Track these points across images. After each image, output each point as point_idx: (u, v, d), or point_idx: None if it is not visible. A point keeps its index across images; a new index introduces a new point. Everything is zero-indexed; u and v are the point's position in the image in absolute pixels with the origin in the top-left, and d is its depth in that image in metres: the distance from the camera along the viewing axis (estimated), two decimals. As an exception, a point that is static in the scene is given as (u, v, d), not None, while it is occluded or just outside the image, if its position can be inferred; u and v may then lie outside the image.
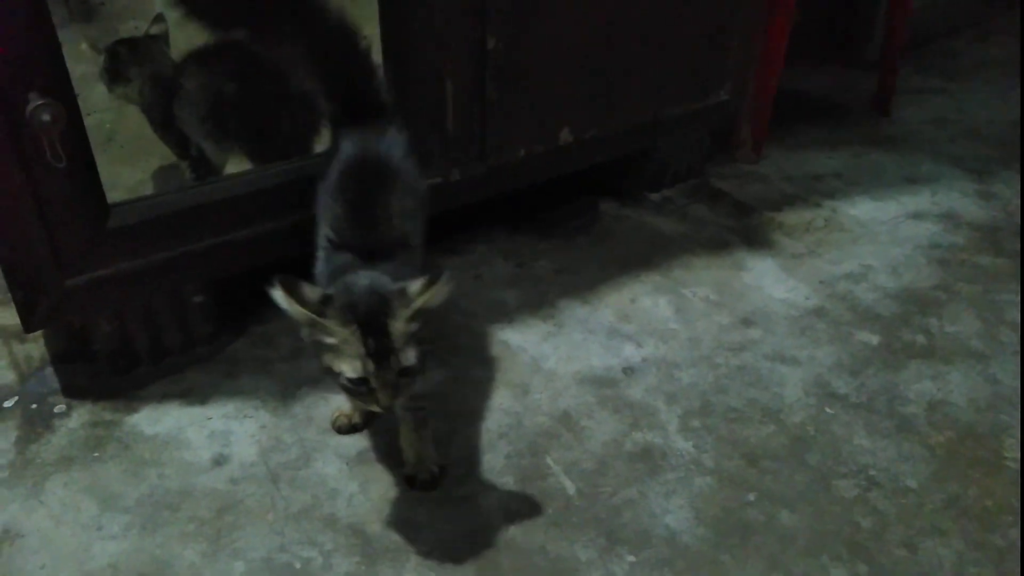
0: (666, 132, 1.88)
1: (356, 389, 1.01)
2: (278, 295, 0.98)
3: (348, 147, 1.22)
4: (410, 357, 1.00)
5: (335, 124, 1.28)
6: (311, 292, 0.99)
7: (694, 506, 1.20)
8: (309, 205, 1.24)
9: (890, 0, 2.35)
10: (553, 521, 1.17)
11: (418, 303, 0.99)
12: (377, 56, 1.34)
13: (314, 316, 0.97)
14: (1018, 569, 1.12)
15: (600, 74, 1.67)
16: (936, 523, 1.19)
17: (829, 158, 2.21)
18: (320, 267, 1.17)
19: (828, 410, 1.38)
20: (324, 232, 1.17)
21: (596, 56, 1.65)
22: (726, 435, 1.33)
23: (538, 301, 1.62)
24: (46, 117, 1.09)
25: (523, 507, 1.19)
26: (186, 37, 1.57)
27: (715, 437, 1.32)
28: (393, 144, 1.23)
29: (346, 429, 1.31)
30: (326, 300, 0.99)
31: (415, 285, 1.00)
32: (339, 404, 1.32)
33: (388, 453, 1.26)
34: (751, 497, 1.22)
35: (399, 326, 0.99)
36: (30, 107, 1.08)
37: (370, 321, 0.98)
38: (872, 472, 1.27)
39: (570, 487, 1.23)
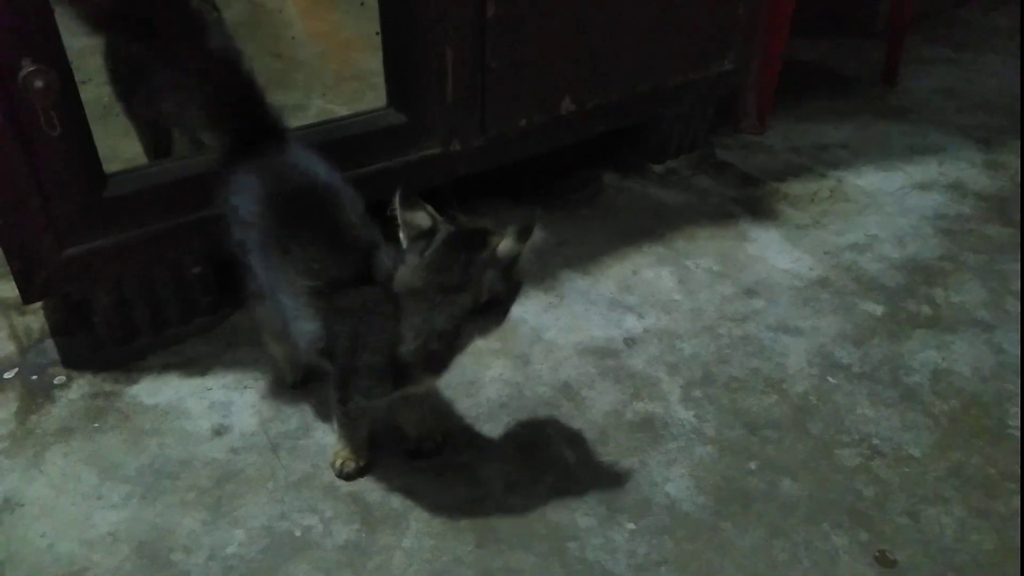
0: (670, 102, 1.86)
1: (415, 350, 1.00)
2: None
3: (266, 183, 1.10)
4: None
5: (227, 159, 1.13)
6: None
7: (695, 475, 1.20)
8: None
9: (898, -32, 2.31)
10: (553, 489, 1.17)
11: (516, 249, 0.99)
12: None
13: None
14: (1019, 536, 1.11)
15: (602, 42, 1.65)
16: (939, 491, 1.18)
17: (835, 128, 2.19)
18: (309, 326, 1.07)
19: (831, 380, 1.37)
20: (294, 290, 1.06)
21: (598, 24, 1.62)
22: (728, 405, 1.32)
23: (540, 272, 1.61)
24: (39, 84, 1.07)
25: (523, 476, 1.19)
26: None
27: (717, 407, 1.31)
28: (310, 159, 1.13)
29: (354, 473, 1.17)
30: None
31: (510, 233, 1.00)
32: (333, 447, 1.20)
33: (387, 421, 1.25)
34: (752, 466, 1.21)
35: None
36: (22, 73, 1.07)
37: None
38: (875, 441, 1.26)
39: (570, 456, 1.23)
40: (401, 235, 1.03)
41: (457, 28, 1.44)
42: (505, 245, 0.99)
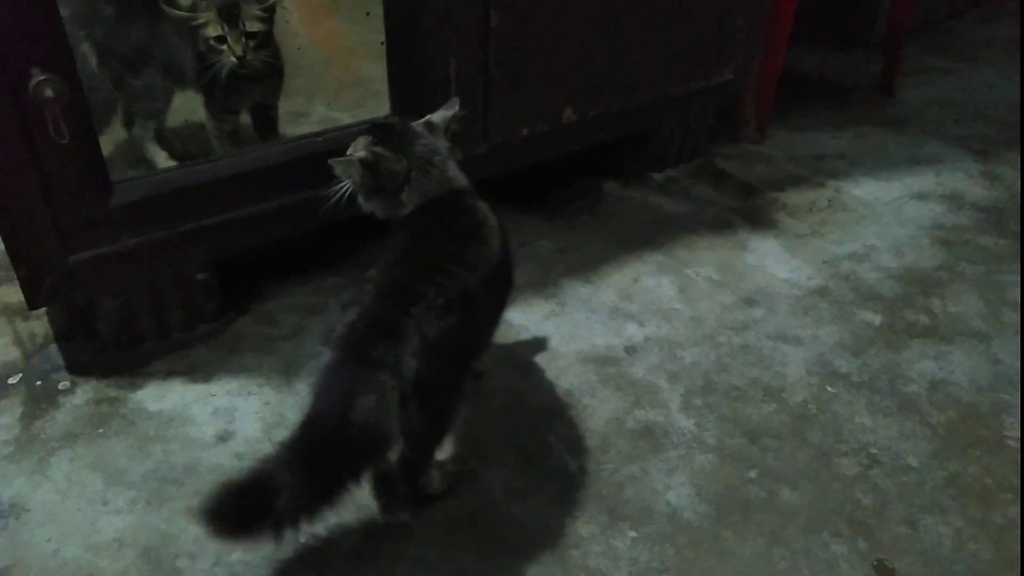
0: (670, 111, 1.87)
1: None
2: None
3: None
4: None
5: None
6: None
7: (695, 483, 1.21)
8: (312, 185, 1.23)
9: (896, -21, 2.33)
10: (555, 498, 1.18)
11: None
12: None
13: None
14: (1017, 546, 1.12)
15: (603, 53, 1.66)
16: (936, 501, 1.19)
17: (833, 138, 2.20)
18: None
19: (830, 389, 1.38)
20: None
21: (600, 34, 1.64)
22: (728, 413, 1.33)
23: (541, 280, 1.62)
24: (49, 93, 1.08)
25: (526, 484, 1.20)
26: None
27: (717, 415, 1.32)
28: None
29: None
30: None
31: None
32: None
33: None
34: (752, 474, 1.23)
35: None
36: (33, 82, 1.08)
37: None
38: (873, 450, 1.27)
39: (572, 464, 1.24)
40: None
41: (461, 38, 1.46)
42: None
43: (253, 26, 1.51)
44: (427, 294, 1.00)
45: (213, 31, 1.48)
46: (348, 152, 1.14)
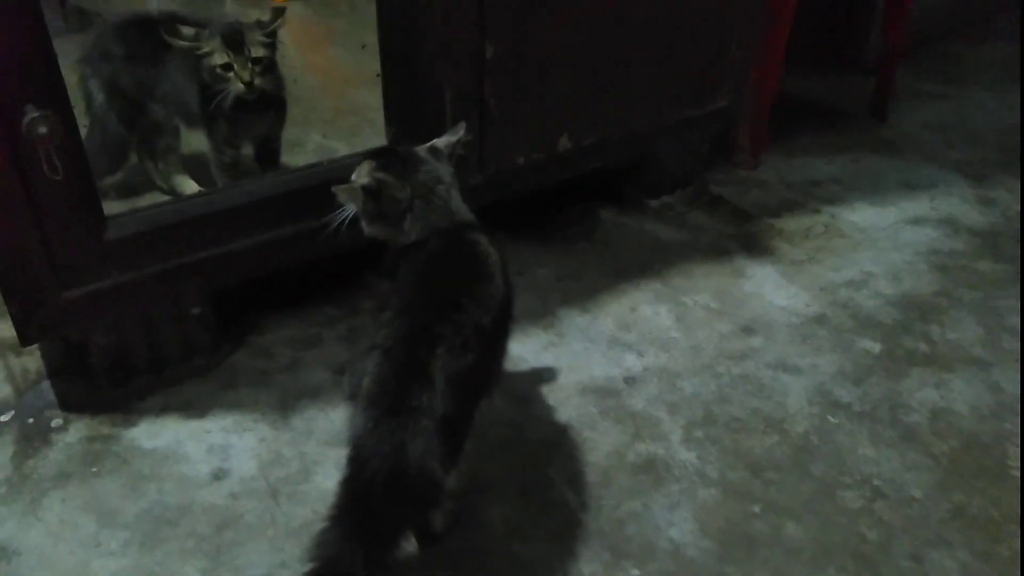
0: (665, 138, 1.87)
1: None
2: None
3: None
4: None
5: None
6: None
7: (698, 518, 1.19)
8: (308, 216, 1.23)
9: (887, 4, 2.35)
10: (557, 535, 1.16)
11: None
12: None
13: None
14: (1025, 580, 1.11)
15: (599, 81, 1.66)
16: (942, 534, 1.18)
17: (828, 163, 2.21)
18: None
19: (831, 419, 1.37)
20: None
21: (595, 63, 1.64)
22: (729, 445, 1.32)
23: (539, 310, 1.61)
24: (43, 129, 1.08)
25: (526, 520, 1.18)
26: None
27: (718, 448, 1.31)
28: None
29: None
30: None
31: None
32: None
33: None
34: (756, 509, 1.21)
35: None
36: (26, 119, 1.07)
37: None
38: (877, 482, 1.26)
39: (573, 499, 1.22)
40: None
41: (457, 68, 1.45)
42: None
43: (258, 51, 1.52)
44: (446, 333, 0.99)
45: (219, 59, 1.49)
46: (352, 177, 1.14)
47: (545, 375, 1.45)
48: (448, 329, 0.99)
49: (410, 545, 1.13)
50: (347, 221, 1.14)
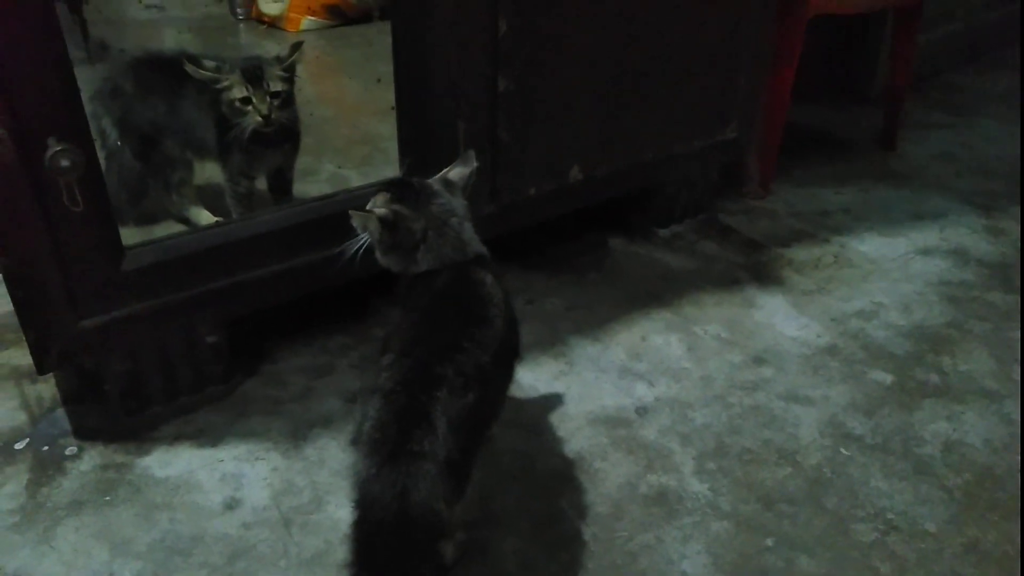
0: (675, 169, 1.89)
1: None
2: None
3: None
4: None
5: None
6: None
7: (712, 552, 1.19)
8: (321, 246, 1.24)
9: (894, 35, 2.37)
10: (569, 568, 1.16)
11: None
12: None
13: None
14: (1041, 617, 1.10)
15: (610, 113, 1.68)
16: (956, 568, 1.17)
17: (837, 193, 2.22)
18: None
19: (844, 451, 1.37)
20: None
21: (606, 95, 1.66)
22: (742, 477, 1.32)
23: (550, 339, 1.62)
24: (65, 163, 1.09)
25: (538, 554, 1.18)
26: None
27: (731, 479, 1.31)
28: None
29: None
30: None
31: None
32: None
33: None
34: (769, 542, 1.21)
35: None
36: (49, 152, 1.09)
37: None
38: (890, 515, 1.25)
39: (586, 532, 1.22)
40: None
41: (469, 102, 1.48)
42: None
43: (276, 85, 1.55)
44: (447, 375, 0.99)
45: (239, 93, 1.52)
46: (367, 207, 1.15)
47: (556, 405, 1.45)
48: (449, 370, 0.99)
49: None
50: (361, 250, 1.15)
